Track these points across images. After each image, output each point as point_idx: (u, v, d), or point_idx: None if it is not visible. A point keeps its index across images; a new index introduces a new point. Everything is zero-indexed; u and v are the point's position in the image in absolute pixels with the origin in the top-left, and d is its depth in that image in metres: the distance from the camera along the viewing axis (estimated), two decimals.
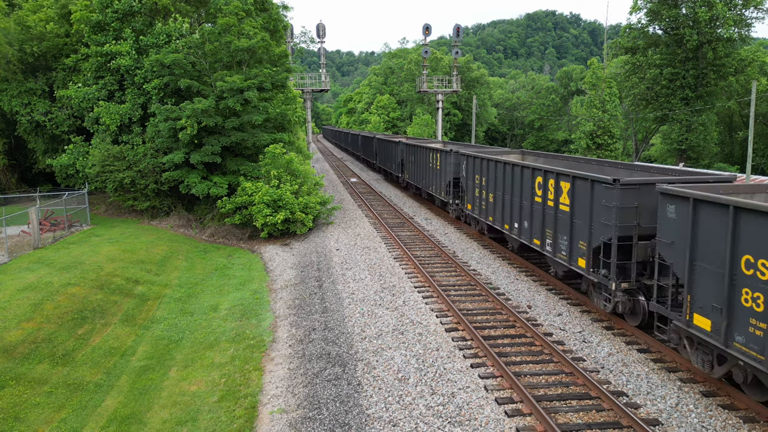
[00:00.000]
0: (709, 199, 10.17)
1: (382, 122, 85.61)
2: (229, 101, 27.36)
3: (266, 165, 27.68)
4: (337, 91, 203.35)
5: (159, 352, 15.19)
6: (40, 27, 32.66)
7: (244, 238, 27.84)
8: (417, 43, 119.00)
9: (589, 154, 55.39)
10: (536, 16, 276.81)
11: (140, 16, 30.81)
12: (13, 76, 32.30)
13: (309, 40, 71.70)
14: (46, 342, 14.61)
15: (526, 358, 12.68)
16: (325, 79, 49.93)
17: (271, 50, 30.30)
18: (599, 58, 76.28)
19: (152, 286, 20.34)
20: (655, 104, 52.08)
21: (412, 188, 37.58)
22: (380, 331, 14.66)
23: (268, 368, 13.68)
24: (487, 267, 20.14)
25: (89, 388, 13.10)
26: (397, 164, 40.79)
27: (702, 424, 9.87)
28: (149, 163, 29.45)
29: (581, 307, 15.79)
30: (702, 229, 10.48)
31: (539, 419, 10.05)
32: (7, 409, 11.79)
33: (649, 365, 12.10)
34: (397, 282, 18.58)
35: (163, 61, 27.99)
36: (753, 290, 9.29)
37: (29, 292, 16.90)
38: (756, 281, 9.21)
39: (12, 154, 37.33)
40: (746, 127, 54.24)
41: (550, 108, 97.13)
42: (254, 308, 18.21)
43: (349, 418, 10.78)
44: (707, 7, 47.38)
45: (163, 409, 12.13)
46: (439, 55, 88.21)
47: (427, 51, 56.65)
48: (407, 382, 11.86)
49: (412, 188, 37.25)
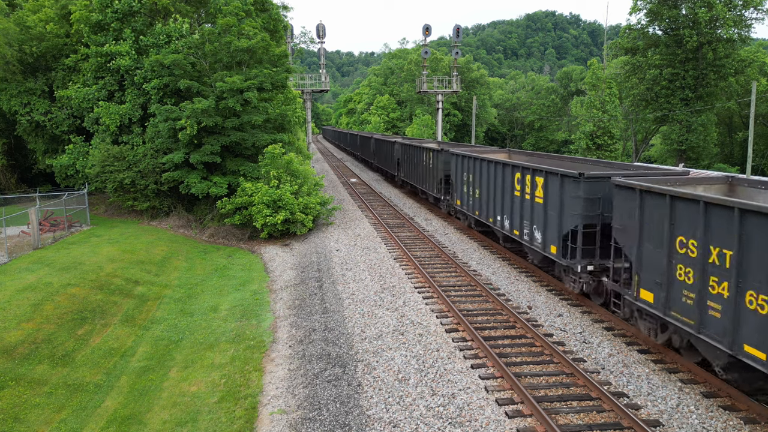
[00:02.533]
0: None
1: (382, 123, 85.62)
2: (228, 101, 27.35)
3: (266, 165, 27.66)
4: (337, 92, 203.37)
5: (159, 353, 15.17)
6: (40, 27, 32.64)
7: (244, 239, 27.83)
8: (417, 43, 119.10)
9: (589, 155, 55.38)
10: (536, 16, 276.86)
11: (140, 16, 30.79)
12: (12, 77, 32.27)
13: (309, 41, 71.83)
14: (46, 342, 14.59)
15: (527, 358, 12.66)
16: (325, 79, 49.91)
17: (271, 50, 30.28)
18: (599, 58, 76.25)
19: (152, 286, 20.33)
20: (655, 105, 52.09)
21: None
22: (380, 331, 14.65)
23: (268, 369, 13.66)
24: (487, 267, 20.13)
25: (89, 389, 13.08)
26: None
27: (703, 425, 9.86)
28: (149, 163, 29.42)
29: (582, 308, 15.78)
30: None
31: (540, 420, 10.04)
32: (6, 409, 11.78)
33: (649, 366, 12.09)
34: (397, 283, 18.57)
35: (163, 61, 27.98)
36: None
37: (29, 293, 16.88)
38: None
39: (12, 154, 37.31)
40: (746, 127, 54.27)
41: (550, 108, 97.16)
42: (254, 309, 18.19)
43: (349, 419, 10.77)
44: (707, 7, 47.39)
45: (163, 410, 12.12)
46: (439, 55, 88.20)
47: (426, 51, 56.62)
48: (407, 382, 11.84)
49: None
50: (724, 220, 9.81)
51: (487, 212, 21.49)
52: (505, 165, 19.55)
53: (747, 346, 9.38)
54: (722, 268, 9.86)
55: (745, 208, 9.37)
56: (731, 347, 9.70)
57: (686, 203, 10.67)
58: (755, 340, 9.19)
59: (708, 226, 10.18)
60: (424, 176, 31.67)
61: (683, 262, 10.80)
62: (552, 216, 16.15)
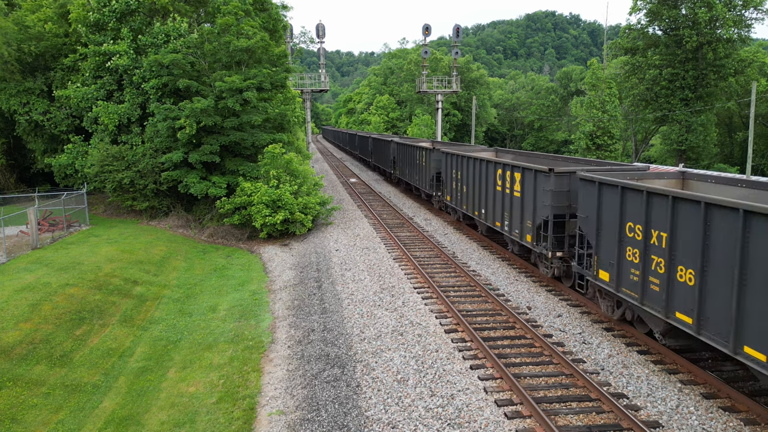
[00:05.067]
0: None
1: (381, 122, 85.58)
2: (228, 101, 27.30)
3: (265, 165, 27.61)
4: (337, 92, 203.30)
5: (157, 353, 15.13)
6: (39, 27, 32.59)
7: (243, 239, 27.78)
8: (417, 43, 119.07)
9: (589, 155, 55.35)
10: (536, 16, 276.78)
11: (138, 15, 30.74)
12: (11, 76, 32.22)
13: (308, 41, 71.76)
14: (44, 343, 14.54)
15: (526, 359, 12.62)
16: (325, 79, 49.83)
17: (271, 50, 30.23)
18: (599, 58, 76.20)
19: (151, 286, 20.28)
20: (655, 105, 52.05)
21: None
22: (379, 332, 14.60)
23: (267, 369, 13.62)
24: (486, 268, 20.09)
25: (87, 390, 13.03)
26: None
27: (703, 426, 9.82)
28: (148, 163, 29.37)
29: (581, 309, 15.74)
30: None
31: (539, 421, 10.00)
32: (4, 410, 11.73)
33: (649, 367, 12.04)
34: (396, 283, 18.53)
35: (162, 61, 27.93)
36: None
37: (27, 293, 16.83)
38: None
39: (11, 153, 37.26)
40: (746, 127, 54.23)
41: (550, 108, 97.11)
42: (253, 309, 18.15)
43: (347, 419, 10.72)
44: (707, 7, 47.34)
45: (161, 411, 12.07)
46: (438, 55, 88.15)
47: (426, 51, 56.53)
48: (406, 383, 11.80)
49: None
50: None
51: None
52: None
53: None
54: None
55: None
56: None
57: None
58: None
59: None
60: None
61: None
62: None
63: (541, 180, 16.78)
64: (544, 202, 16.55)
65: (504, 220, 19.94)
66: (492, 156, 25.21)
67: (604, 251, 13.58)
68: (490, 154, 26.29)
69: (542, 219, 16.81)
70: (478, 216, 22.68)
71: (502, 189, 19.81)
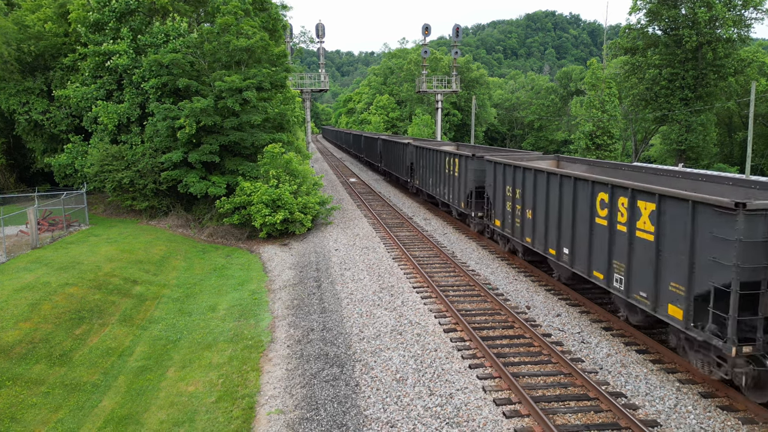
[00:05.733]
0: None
1: (381, 122, 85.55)
2: (227, 101, 27.31)
3: (265, 165, 27.62)
4: (337, 92, 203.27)
5: (157, 353, 15.15)
6: (38, 26, 32.61)
7: (242, 238, 27.79)
8: (416, 43, 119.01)
9: (589, 155, 55.35)
10: (536, 16, 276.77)
11: (138, 15, 30.76)
12: (10, 76, 32.24)
13: (308, 40, 71.80)
14: (44, 342, 14.56)
15: (525, 358, 12.64)
16: (325, 79, 49.86)
17: (270, 50, 30.25)
18: (599, 58, 76.20)
19: (150, 286, 20.30)
20: (655, 105, 52.06)
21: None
22: (378, 331, 14.62)
23: (266, 369, 13.64)
24: (486, 267, 20.10)
25: (86, 389, 13.05)
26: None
27: (701, 425, 9.84)
28: (148, 162, 29.38)
29: (580, 308, 15.76)
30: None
31: (537, 420, 10.01)
32: (3, 409, 11.75)
33: (647, 366, 12.06)
34: (395, 282, 18.54)
35: (162, 60, 27.94)
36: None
37: (27, 292, 16.85)
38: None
39: (10, 153, 37.27)
40: (746, 127, 54.23)
41: (550, 108, 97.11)
42: (252, 308, 18.16)
43: (346, 419, 10.74)
44: (707, 7, 47.36)
45: (160, 410, 12.09)
46: (438, 55, 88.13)
47: (426, 51, 56.55)
48: (405, 382, 11.82)
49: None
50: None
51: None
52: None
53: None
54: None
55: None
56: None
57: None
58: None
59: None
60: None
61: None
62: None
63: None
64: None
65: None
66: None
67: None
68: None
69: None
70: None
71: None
